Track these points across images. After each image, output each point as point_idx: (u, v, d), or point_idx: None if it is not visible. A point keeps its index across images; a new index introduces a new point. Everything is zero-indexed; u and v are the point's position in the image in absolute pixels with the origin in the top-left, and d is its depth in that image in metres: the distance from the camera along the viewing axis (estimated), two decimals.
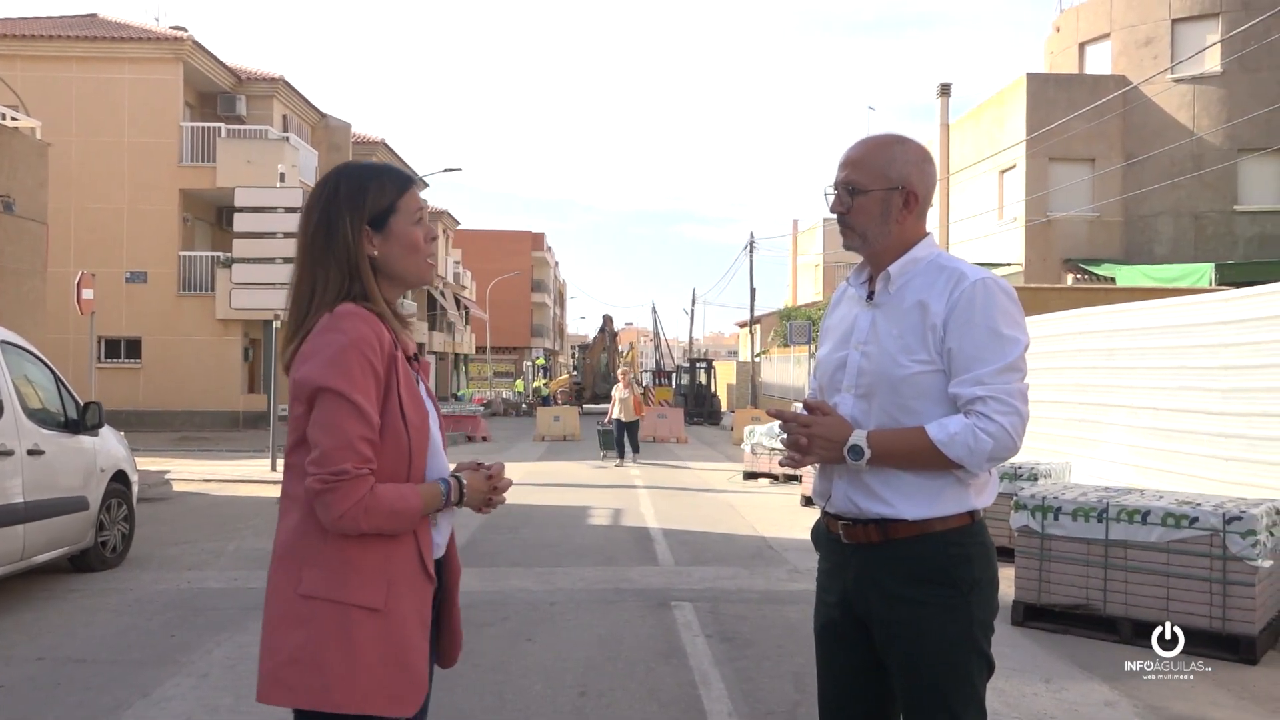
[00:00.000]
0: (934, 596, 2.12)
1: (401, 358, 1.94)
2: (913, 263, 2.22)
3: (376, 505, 1.81)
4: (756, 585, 7.01)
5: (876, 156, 2.23)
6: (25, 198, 13.34)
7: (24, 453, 6.31)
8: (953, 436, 2.07)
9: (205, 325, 24.42)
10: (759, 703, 4.45)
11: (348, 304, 1.90)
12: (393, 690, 1.85)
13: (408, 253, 1.99)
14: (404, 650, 1.87)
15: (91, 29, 24.92)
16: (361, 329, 1.87)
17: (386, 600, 1.85)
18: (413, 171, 37.92)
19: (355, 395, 1.82)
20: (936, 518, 2.13)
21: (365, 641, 1.83)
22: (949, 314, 2.13)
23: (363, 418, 1.82)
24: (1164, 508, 5.52)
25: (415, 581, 1.91)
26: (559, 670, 4.95)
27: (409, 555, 1.90)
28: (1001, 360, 2.09)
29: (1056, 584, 5.84)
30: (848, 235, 2.29)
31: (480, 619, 5.97)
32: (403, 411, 1.89)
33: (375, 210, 1.96)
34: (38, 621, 5.97)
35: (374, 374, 1.85)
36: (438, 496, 1.94)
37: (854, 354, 2.23)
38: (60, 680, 4.81)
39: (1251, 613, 5.21)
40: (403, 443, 1.88)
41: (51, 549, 6.69)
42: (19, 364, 6.66)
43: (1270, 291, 8.72)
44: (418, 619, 1.91)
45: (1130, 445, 10.45)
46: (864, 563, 2.19)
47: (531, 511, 11.03)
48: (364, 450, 1.81)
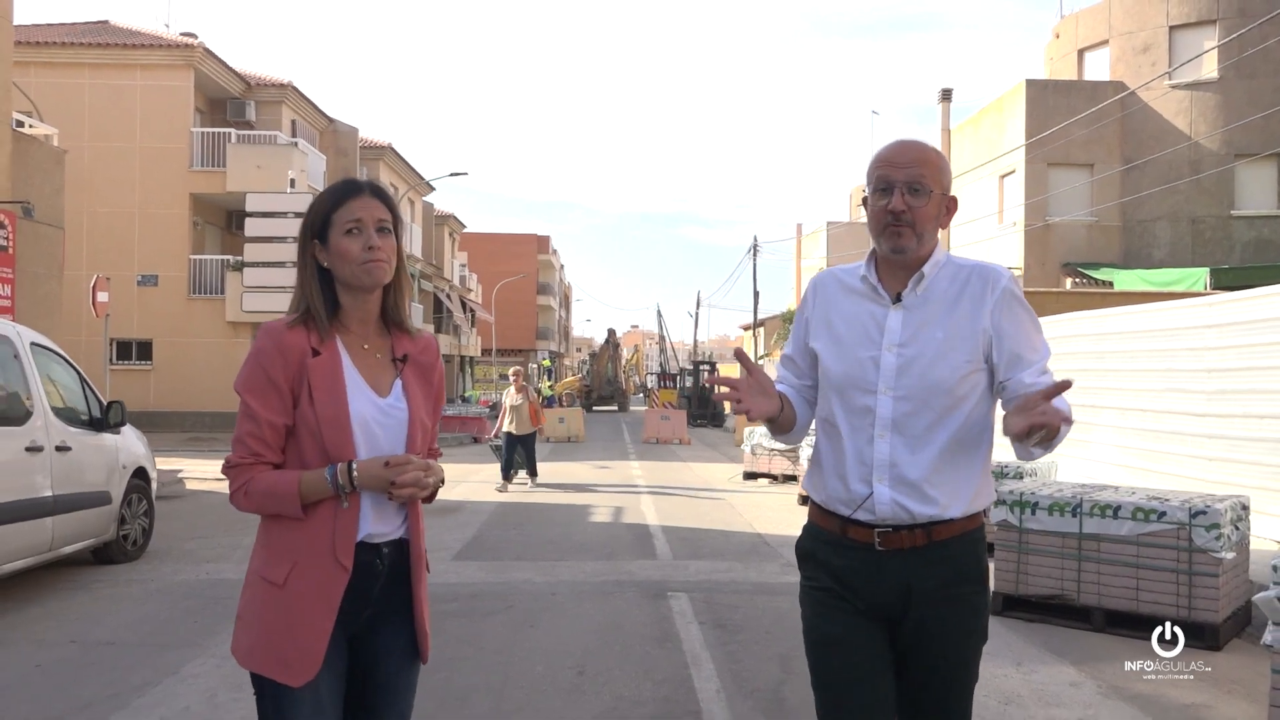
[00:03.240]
0: (967, 594, 2.21)
1: (322, 360, 2.11)
2: (935, 265, 2.25)
3: (254, 489, 2.06)
4: (750, 578, 7.31)
5: (937, 160, 2.24)
6: (43, 203, 13.67)
7: (52, 449, 6.64)
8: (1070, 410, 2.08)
9: (215, 328, 24.75)
10: (746, 682, 4.75)
11: (268, 321, 2.17)
12: (284, 658, 2.05)
13: (342, 261, 2.13)
14: (297, 624, 2.05)
15: (104, 36, 25.29)
16: (263, 342, 2.12)
17: (287, 578, 2.05)
18: (419, 176, 38.29)
19: (249, 398, 2.08)
20: (971, 515, 2.21)
21: (267, 612, 2.07)
22: (996, 312, 2.19)
23: (252, 417, 2.07)
24: (1134, 503, 5.81)
25: (322, 564, 2.06)
26: (559, 653, 5.26)
27: (318, 540, 2.06)
28: (1048, 352, 2.23)
29: (1033, 575, 6.14)
30: (904, 235, 2.20)
31: (485, 608, 6.28)
32: (316, 406, 2.07)
33: (317, 225, 2.17)
34: (66, 609, 6.29)
35: (268, 380, 2.07)
36: (322, 481, 2.05)
37: (888, 355, 2.20)
38: (91, 661, 5.13)
39: (1215, 602, 5.50)
40: (314, 432, 2.07)
41: (77, 541, 7.01)
42: (46, 364, 6.99)
43: (1252, 296, 8.99)
44: (319, 598, 2.05)
45: (1118, 446, 10.72)
46: (903, 567, 2.18)
47: (535, 510, 11.34)
48: (249, 444, 2.07)
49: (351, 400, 2.11)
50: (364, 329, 2.21)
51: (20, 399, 6.48)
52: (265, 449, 2.08)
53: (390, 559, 2.15)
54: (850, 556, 2.21)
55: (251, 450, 2.07)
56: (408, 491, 2.07)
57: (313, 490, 2.05)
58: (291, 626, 2.04)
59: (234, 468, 2.09)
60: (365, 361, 2.18)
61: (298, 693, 2.04)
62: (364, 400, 2.13)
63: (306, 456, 2.08)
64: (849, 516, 2.21)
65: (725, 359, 64.91)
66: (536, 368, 64.50)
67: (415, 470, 2.07)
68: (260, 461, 2.08)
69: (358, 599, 2.10)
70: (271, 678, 2.05)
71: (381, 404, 2.15)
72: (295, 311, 2.17)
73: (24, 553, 6.29)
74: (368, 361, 2.19)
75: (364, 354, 2.19)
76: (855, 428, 2.21)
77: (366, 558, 2.10)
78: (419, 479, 2.08)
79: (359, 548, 2.09)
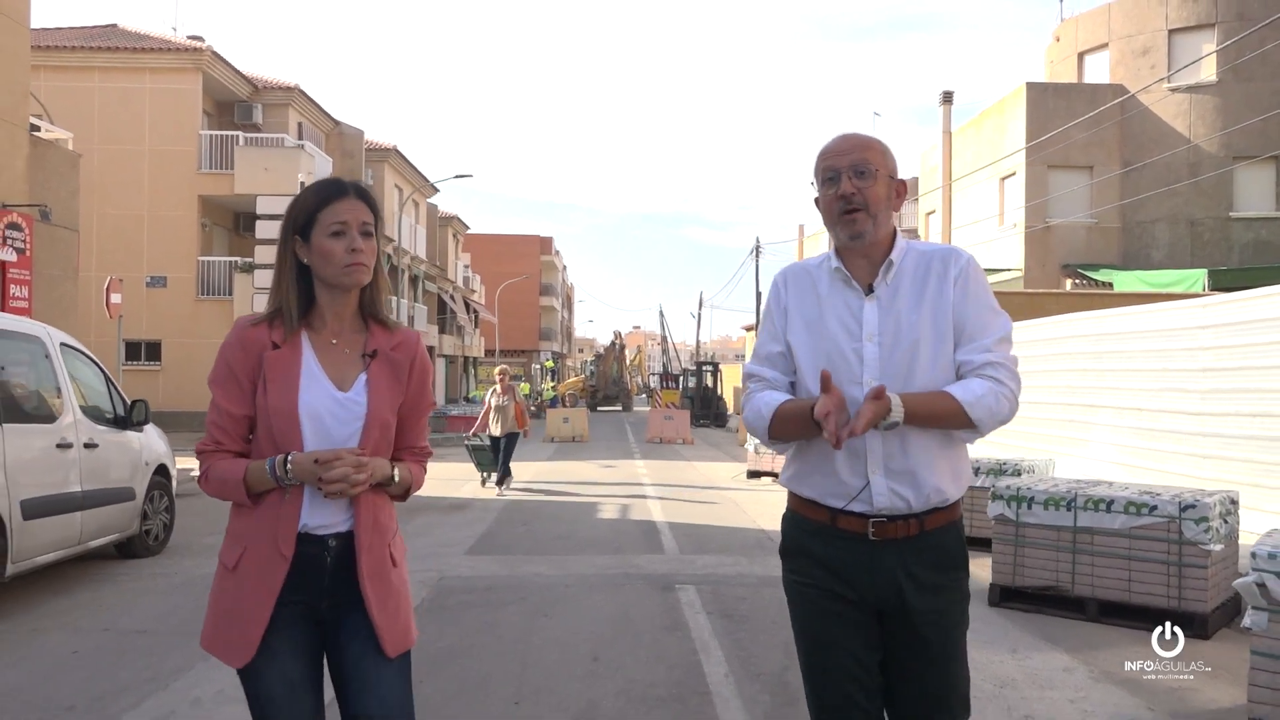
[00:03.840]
0: (955, 580, 2.26)
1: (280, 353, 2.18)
2: (900, 252, 2.28)
3: (212, 474, 2.18)
4: (755, 571, 7.54)
5: (879, 145, 2.29)
6: (58, 206, 13.91)
7: (81, 446, 6.87)
8: (979, 398, 2.15)
9: (223, 328, 24.91)
10: (752, 667, 4.98)
11: (241, 317, 2.30)
12: (227, 640, 2.16)
13: (324, 262, 2.18)
14: (239, 608, 2.14)
15: (113, 40, 25.56)
16: (230, 337, 2.24)
17: (238, 561, 2.16)
18: (424, 179, 38.52)
19: (214, 389, 2.21)
20: (957, 502, 2.26)
21: (219, 594, 2.20)
22: (958, 294, 2.24)
23: (215, 407, 2.20)
24: (1126, 497, 6.03)
25: (265, 552, 2.14)
26: (574, 641, 5.48)
27: (264, 529, 2.15)
28: (1001, 331, 2.24)
29: (1029, 568, 6.35)
30: (859, 219, 2.23)
31: (500, 599, 6.51)
32: (267, 396, 2.16)
33: (300, 222, 2.21)
34: (95, 600, 6.52)
35: (230, 372, 2.18)
36: (263, 471, 2.13)
37: (869, 346, 2.23)
38: (126, 648, 5.36)
39: (1204, 593, 5.71)
40: (268, 424, 2.16)
41: (103, 535, 7.24)
42: (73, 364, 7.22)
43: (1245, 298, 9.20)
44: (261, 584, 2.13)
45: (1116, 444, 10.93)
46: (897, 556, 2.21)
47: (543, 508, 11.56)
48: (213, 432, 2.20)
49: (304, 393, 2.15)
50: (338, 324, 2.25)
51: (51, 397, 6.72)
52: (226, 438, 2.18)
53: (337, 551, 2.18)
54: (840, 547, 2.23)
55: (214, 438, 2.19)
56: (336, 487, 2.08)
57: (257, 480, 2.12)
58: (235, 610, 2.14)
59: (200, 454, 2.22)
60: (330, 356, 2.22)
61: (265, 673, 2.13)
62: (320, 393, 2.17)
63: (262, 445, 2.17)
64: (842, 509, 2.22)
65: (726, 359, 65.11)
66: (539, 368, 64.84)
67: (344, 467, 2.08)
68: (221, 449, 2.18)
69: (308, 588, 2.16)
70: (218, 658, 2.16)
71: (340, 397, 2.18)
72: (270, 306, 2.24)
73: (55, 546, 6.51)
74: (333, 356, 2.22)
75: (331, 349, 2.22)
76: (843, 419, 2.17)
77: (312, 549, 2.15)
78: (347, 474, 2.08)
79: (304, 539, 2.14)
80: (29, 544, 6.12)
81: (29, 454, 6.21)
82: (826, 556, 2.24)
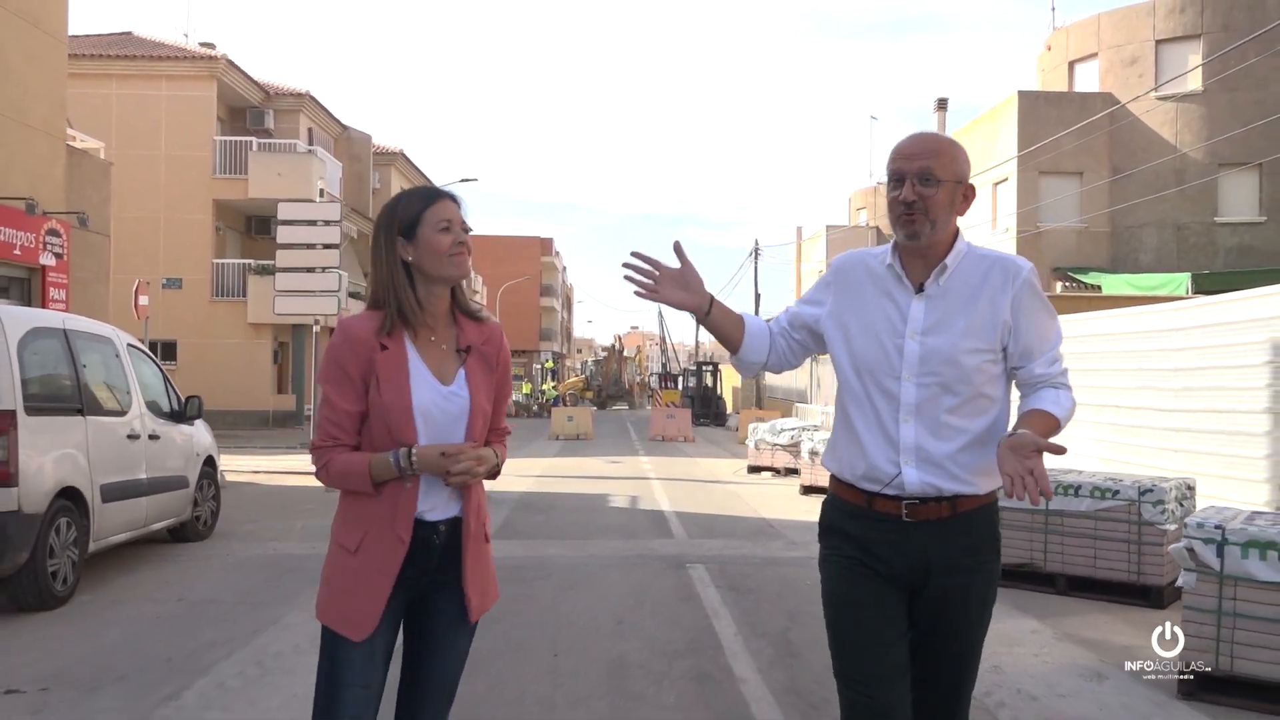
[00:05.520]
0: (985, 562, 2.35)
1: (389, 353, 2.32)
2: (958, 255, 2.34)
3: (333, 468, 2.33)
4: (759, 553, 8.23)
5: (949, 150, 2.33)
6: (91, 213, 14.58)
7: (146, 437, 7.55)
8: (1067, 411, 2.29)
9: (237, 329, 25.70)
10: (758, 628, 5.67)
11: (347, 315, 2.65)
12: (345, 614, 2.31)
13: (431, 253, 2.34)
14: (360, 586, 2.30)
15: (130, 48, 26.23)
16: (336, 337, 2.36)
17: (359, 544, 2.31)
18: (429, 182, 39.15)
19: (327, 389, 2.34)
20: (991, 491, 2.35)
21: (339, 574, 2.34)
22: (1015, 305, 2.30)
23: (329, 404, 2.33)
24: (1092, 483, 6.72)
25: (385, 537, 2.30)
26: (599, 609, 6.18)
27: (384, 515, 2.30)
28: (1059, 339, 2.38)
29: (1006, 547, 6.98)
30: (918, 222, 2.28)
31: (530, 576, 7.20)
32: (381, 395, 2.30)
33: (405, 222, 2.36)
34: (160, 577, 7.19)
35: (341, 370, 2.32)
36: (388, 463, 2.28)
37: (911, 343, 2.29)
38: (201, 615, 6.04)
39: (1160, 568, 6.40)
40: (383, 418, 2.31)
41: (162, 519, 7.91)
42: (137, 363, 7.89)
43: (1214, 302, 9.91)
44: (381, 566, 2.29)
45: (1097, 439, 11.62)
46: (929, 536, 2.29)
47: (557, 499, 12.25)
48: (327, 429, 2.34)
49: (415, 390, 2.31)
50: (434, 321, 2.40)
51: (121, 393, 7.40)
52: (341, 433, 2.34)
53: (446, 535, 2.37)
54: (875, 527, 2.32)
55: (329, 434, 2.34)
56: (461, 479, 2.29)
57: (381, 471, 2.28)
58: (356, 589, 2.30)
59: (316, 449, 2.36)
60: (431, 353, 2.37)
61: (355, 645, 2.30)
62: (427, 389, 2.33)
63: (376, 439, 2.33)
64: (878, 493, 2.32)
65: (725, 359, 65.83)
66: (540, 368, 65.55)
67: (468, 460, 2.29)
68: (338, 444, 2.34)
69: (416, 568, 2.33)
70: (337, 631, 2.32)
71: (444, 391, 2.35)
72: (374, 307, 2.38)
73: (125, 528, 7.19)
74: (433, 352, 2.38)
75: (430, 345, 2.38)
76: (880, 411, 2.32)
77: (424, 533, 2.33)
78: (471, 468, 2.29)
79: (418, 524, 2.32)
80: (106, 524, 6.80)
81: (105, 443, 6.88)
82: (862, 536, 2.34)
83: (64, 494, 6.22)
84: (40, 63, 13.47)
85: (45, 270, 13.16)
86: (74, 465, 6.39)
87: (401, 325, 2.35)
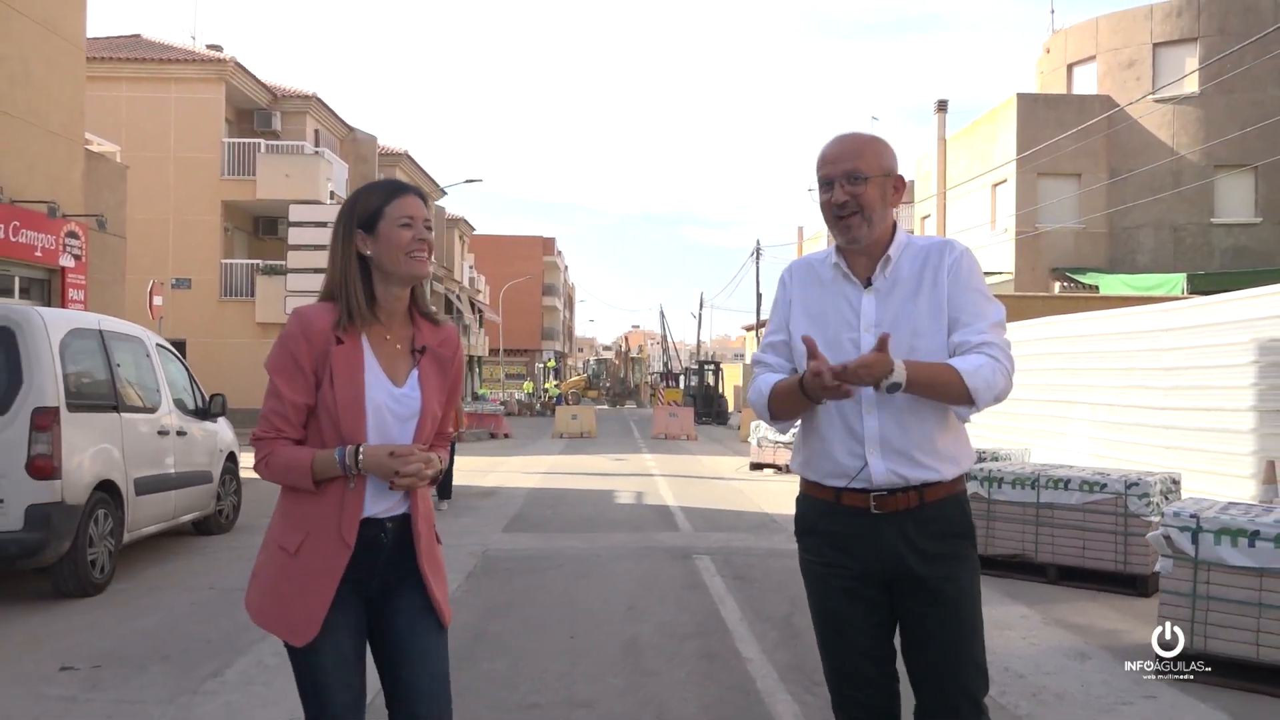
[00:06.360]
0: (961, 549, 2.36)
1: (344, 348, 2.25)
2: (899, 246, 2.38)
3: (274, 461, 2.23)
4: (761, 545, 8.55)
5: (872, 146, 2.36)
6: (108, 215, 14.91)
7: (174, 433, 7.87)
8: (977, 369, 2.23)
9: (245, 328, 26.02)
10: (762, 613, 6.00)
11: (302, 305, 2.32)
12: (289, 620, 2.23)
13: (390, 249, 2.25)
14: (301, 592, 2.21)
15: (139, 51, 26.54)
16: (291, 326, 2.27)
17: (299, 547, 2.22)
18: (434, 183, 39.50)
19: (276, 378, 2.25)
20: (958, 477, 2.37)
21: (279, 577, 2.25)
22: (950, 279, 2.33)
23: (276, 395, 2.24)
24: (1081, 477, 7.04)
25: (329, 540, 2.22)
26: (610, 595, 6.50)
27: (328, 515, 2.22)
28: (994, 317, 2.34)
29: (999, 538, 7.35)
30: (855, 224, 2.33)
31: (542, 566, 7.52)
32: (335, 391, 2.23)
33: (364, 216, 2.28)
34: (189, 567, 7.51)
35: (294, 360, 2.23)
36: (332, 461, 2.19)
37: (866, 336, 2.32)
38: (234, 602, 6.32)
39: (1146, 557, 6.69)
40: (332, 415, 2.23)
41: (189, 512, 8.23)
42: (165, 362, 8.22)
43: (1202, 303, 10.23)
44: (324, 570, 2.21)
45: (1090, 436, 11.94)
46: (898, 527, 2.31)
47: (564, 494, 12.58)
48: (272, 420, 2.24)
49: (368, 388, 2.25)
50: (390, 320, 2.33)
51: (151, 391, 7.72)
52: (287, 425, 2.25)
53: (394, 533, 2.30)
54: (845, 522, 2.36)
55: (274, 426, 2.25)
56: (408, 482, 2.20)
57: (324, 468, 2.20)
58: (297, 593, 2.22)
59: (259, 440, 2.27)
60: (385, 351, 2.31)
61: (321, 649, 2.23)
62: (380, 389, 2.27)
63: (324, 435, 2.25)
64: (845, 488, 2.35)
65: (726, 359, 66.12)
66: (542, 367, 65.95)
67: (417, 463, 2.20)
68: (281, 436, 2.25)
69: (365, 568, 2.27)
70: (279, 637, 2.27)
71: (396, 393, 2.29)
72: (327, 299, 2.30)
73: (155, 520, 7.51)
74: (388, 351, 2.31)
75: (385, 344, 2.32)
76: (842, 406, 2.32)
77: (371, 532, 2.26)
78: (419, 471, 2.21)
79: (364, 523, 2.25)
80: (139, 516, 7.12)
81: (138, 439, 7.20)
82: (833, 532, 2.38)
83: (101, 487, 6.55)
84: (60, 69, 13.80)
85: (65, 271, 13.50)
86: (110, 460, 6.72)
87: (362, 321, 2.29)
